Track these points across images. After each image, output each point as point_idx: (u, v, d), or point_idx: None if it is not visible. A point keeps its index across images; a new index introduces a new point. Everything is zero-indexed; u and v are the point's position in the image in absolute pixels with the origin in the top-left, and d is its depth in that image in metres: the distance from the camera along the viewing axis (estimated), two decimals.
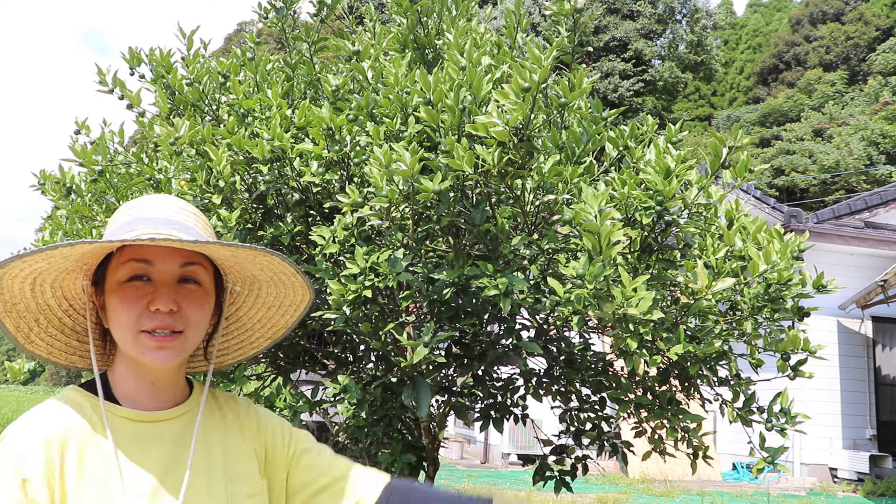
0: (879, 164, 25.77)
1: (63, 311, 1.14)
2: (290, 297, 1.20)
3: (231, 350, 1.26)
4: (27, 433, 0.99)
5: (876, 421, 10.52)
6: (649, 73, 34.59)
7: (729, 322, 2.37)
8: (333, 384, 2.48)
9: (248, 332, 1.25)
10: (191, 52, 2.84)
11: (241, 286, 1.18)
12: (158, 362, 1.05)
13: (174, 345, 1.05)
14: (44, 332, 1.14)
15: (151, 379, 1.09)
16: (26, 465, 0.95)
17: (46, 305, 1.12)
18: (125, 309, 1.04)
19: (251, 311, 1.23)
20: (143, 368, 1.08)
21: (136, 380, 1.08)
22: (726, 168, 2.16)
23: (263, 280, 1.17)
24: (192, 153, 2.58)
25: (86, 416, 1.03)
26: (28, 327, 1.12)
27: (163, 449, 1.06)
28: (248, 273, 1.15)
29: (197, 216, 1.13)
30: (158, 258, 1.05)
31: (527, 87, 1.85)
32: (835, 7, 37.43)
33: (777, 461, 2.28)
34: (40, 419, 1.01)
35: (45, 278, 1.08)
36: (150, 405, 1.09)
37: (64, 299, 1.13)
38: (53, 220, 3.15)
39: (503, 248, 2.24)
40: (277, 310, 1.22)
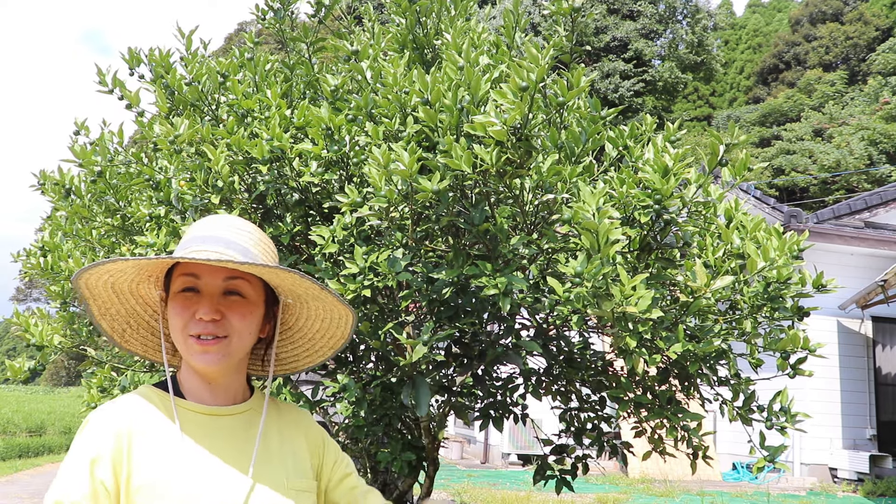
0: (879, 164, 25.77)
1: (150, 317, 1.31)
2: (336, 312, 1.32)
3: (301, 357, 1.40)
4: (102, 420, 1.13)
5: (876, 421, 10.52)
6: (649, 74, 34.60)
7: (728, 321, 2.37)
8: (333, 384, 2.48)
9: (312, 342, 1.38)
10: (190, 52, 2.84)
11: (291, 299, 1.31)
12: (203, 364, 1.18)
13: (217, 349, 1.18)
14: (136, 333, 1.32)
15: (208, 379, 1.23)
16: (96, 448, 1.10)
17: (134, 311, 1.29)
18: (177, 315, 1.19)
19: (308, 322, 1.35)
20: (197, 369, 1.22)
21: (196, 380, 1.23)
22: (724, 166, 2.16)
23: (303, 295, 1.28)
24: (191, 152, 2.58)
25: (155, 407, 1.18)
26: (122, 329, 1.30)
27: (225, 440, 1.20)
28: (291, 289, 1.27)
29: (252, 234, 1.26)
30: (204, 273, 1.19)
31: (525, 86, 1.85)
32: (834, 7, 37.44)
33: (777, 460, 2.28)
34: (114, 409, 1.15)
35: (120, 286, 1.24)
36: (211, 402, 1.23)
37: (147, 306, 1.30)
38: (53, 221, 3.15)
39: (502, 247, 2.24)
40: (331, 322, 1.34)
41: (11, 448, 14.29)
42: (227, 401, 1.25)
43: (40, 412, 19.31)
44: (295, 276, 1.19)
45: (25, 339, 2.63)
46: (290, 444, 1.29)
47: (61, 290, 2.85)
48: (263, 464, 1.21)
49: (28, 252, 2.94)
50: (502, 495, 8.44)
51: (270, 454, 1.24)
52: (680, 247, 2.24)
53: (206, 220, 1.27)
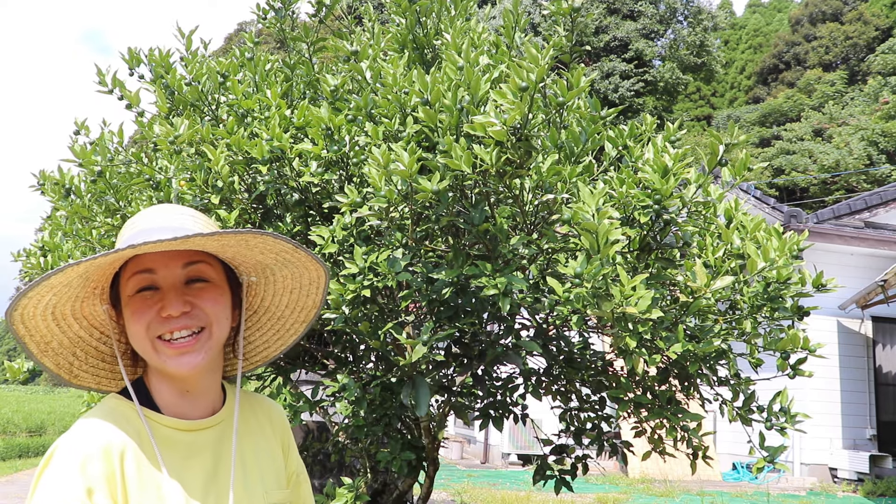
0: (879, 164, 25.77)
1: (97, 340, 1.14)
2: (307, 276, 1.19)
3: (272, 342, 1.27)
4: (86, 442, 0.98)
5: (876, 421, 10.51)
6: (650, 74, 34.60)
7: (728, 321, 2.37)
8: (333, 384, 2.48)
9: (281, 320, 1.25)
10: (190, 52, 2.84)
11: (255, 276, 1.18)
12: (182, 367, 1.04)
13: (198, 346, 1.05)
14: (85, 363, 1.15)
15: (185, 388, 1.09)
16: (89, 474, 0.95)
17: (79, 338, 1.12)
18: (137, 320, 1.04)
19: (276, 299, 1.22)
20: (174, 378, 1.08)
21: (171, 390, 1.09)
22: (724, 166, 2.16)
23: (271, 264, 1.15)
24: (191, 152, 2.58)
25: (135, 426, 1.04)
26: (69, 363, 1.13)
27: (204, 458, 1.08)
28: (255, 260, 1.14)
29: (196, 217, 1.12)
30: (159, 265, 1.05)
31: (524, 86, 1.85)
32: (834, 7, 37.44)
33: (777, 460, 2.28)
34: (96, 428, 1.00)
35: (61, 310, 1.08)
36: (192, 413, 1.10)
37: (94, 328, 1.13)
38: (53, 221, 3.15)
39: (502, 247, 2.24)
40: (300, 291, 1.22)
41: (11, 448, 14.29)
42: (207, 410, 1.12)
43: (40, 412, 19.31)
44: (267, 239, 1.06)
45: None
46: (267, 450, 1.19)
47: None
48: (241, 482, 1.11)
49: (28, 252, 2.94)
50: (502, 495, 8.44)
51: (247, 469, 1.14)
52: (680, 247, 2.24)
53: (143, 213, 1.12)
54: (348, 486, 2.61)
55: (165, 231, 1.04)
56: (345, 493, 2.59)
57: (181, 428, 1.07)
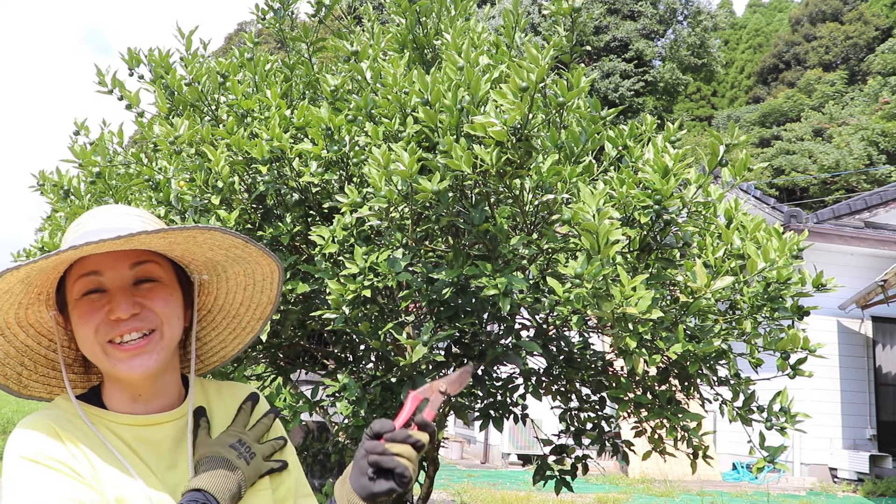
0: (879, 164, 25.77)
1: (45, 348, 1.11)
2: (259, 271, 1.15)
3: (228, 341, 1.24)
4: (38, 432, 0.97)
5: (876, 421, 10.51)
6: (650, 74, 34.61)
7: (728, 321, 2.37)
8: (333, 384, 2.48)
9: (236, 319, 1.22)
10: (190, 52, 2.84)
11: (206, 274, 1.14)
12: (136, 371, 1.01)
13: (150, 347, 1.02)
14: (34, 373, 1.12)
15: (136, 392, 1.06)
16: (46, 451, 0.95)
17: (26, 347, 1.09)
18: (84, 324, 1.01)
19: (230, 297, 1.19)
20: (124, 383, 1.05)
21: (122, 395, 1.06)
22: (724, 166, 2.16)
23: (222, 261, 1.12)
24: (191, 153, 2.58)
25: (80, 425, 1.02)
26: (17, 373, 1.10)
27: (167, 448, 1.05)
28: (205, 258, 1.10)
29: (142, 217, 1.10)
30: (106, 267, 1.02)
31: (524, 86, 1.85)
32: (834, 7, 37.45)
33: (777, 460, 2.28)
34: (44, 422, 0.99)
35: (5, 318, 1.04)
36: (144, 412, 1.07)
37: (41, 336, 1.10)
38: (53, 222, 3.15)
39: (502, 247, 2.24)
40: (254, 287, 1.18)
41: None
42: (165, 407, 1.08)
43: None
44: (216, 234, 1.03)
45: None
46: None
47: None
48: None
49: (28, 252, 2.94)
50: (502, 495, 8.44)
51: None
52: (680, 247, 2.24)
53: (88, 213, 1.09)
54: None
55: (109, 231, 1.00)
56: None
57: (136, 423, 1.05)
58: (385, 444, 1.01)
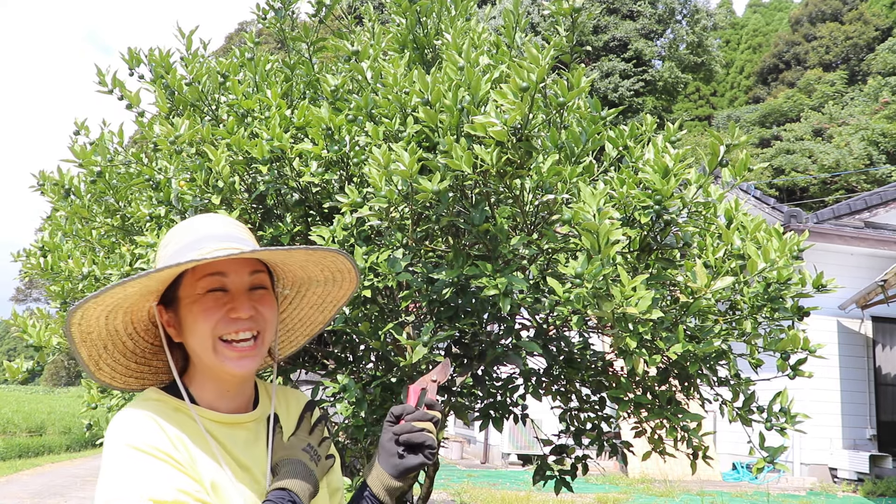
0: (879, 164, 25.77)
1: (127, 335, 1.21)
2: (334, 294, 1.30)
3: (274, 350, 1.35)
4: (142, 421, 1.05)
5: (876, 421, 10.52)
6: (649, 74, 34.60)
7: (728, 321, 2.37)
8: (333, 384, 2.48)
9: (290, 332, 1.36)
10: (190, 52, 2.84)
11: (290, 289, 1.28)
12: (240, 369, 1.13)
13: (255, 351, 1.15)
14: (110, 357, 1.21)
15: (227, 388, 1.18)
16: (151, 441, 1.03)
17: (115, 330, 1.19)
18: (206, 318, 1.12)
19: (294, 312, 1.33)
20: (222, 377, 1.16)
21: (215, 388, 1.17)
22: (724, 166, 2.16)
23: (316, 280, 1.26)
24: (191, 153, 2.58)
25: (178, 415, 1.11)
26: (98, 355, 1.20)
27: (243, 447, 1.16)
28: (304, 274, 1.24)
29: (243, 228, 1.23)
30: (231, 270, 1.14)
31: (525, 86, 1.85)
32: (834, 7, 37.45)
33: (777, 461, 2.28)
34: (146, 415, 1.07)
35: (121, 306, 1.14)
36: (225, 409, 1.18)
37: (130, 323, 1.20)
38: (53, 221, 3.15)
39: (502, 247, 2.24)
40: (318, 308, 1.32)
41: (11, 448, 14.29)
42: (241, 407, 1.20)
43: (40, 412, 19.30)
44: (339, 256, 1.19)
45: (24, 339, 2.63)
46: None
47: (61, 290, 2.85)
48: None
49: (28, 252, 2.94)
50: (502, 495, 8.44)
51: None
52: (680, 247, 2.24)
53: (201, 219, 1.20)
54: (347, 485, 2.61)
55: (237, 241, 1.15)
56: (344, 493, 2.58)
57: (220, 421, 1.15)
58: (411, 423, 1.15)
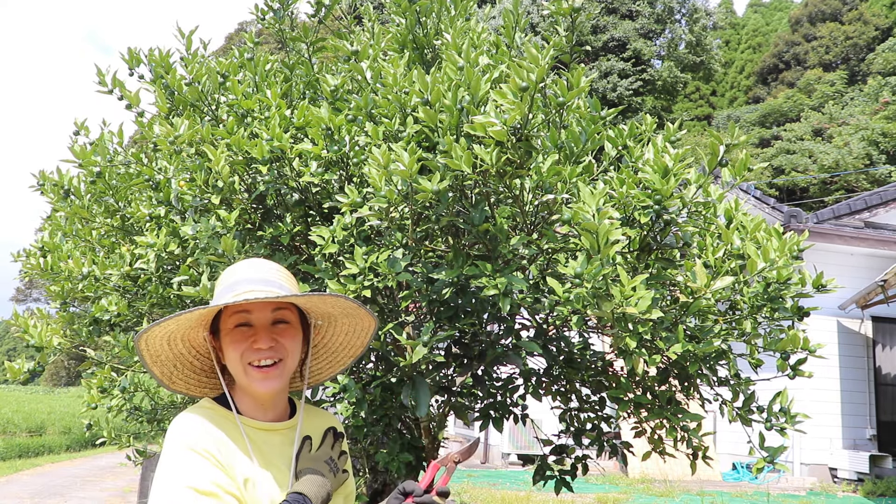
0: (879, 164, 25.77)
1: (192, 357, 1.48)
2: (361, 324, 1.53)
3: (324, 369, 1.61)
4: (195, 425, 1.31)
5: (876, 421, 10.51)
6: (648, 73, 34.58)
7: (728, 321, 2.37)
8: (333, 384, 2.48)
9: (334, 354, 1.59)
10: (190, 52, 2.84)
11: (321, 321, 1.52)
12: (265, 389, 1.38)
13: (276, 374, 1.38)
14: (181, 374, 1.49)
15: (261, 402, 1.42)
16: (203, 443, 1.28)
17: (180, 354, 1.46)
18: (235, 348, 1.38)
19: (333, 338, 1.56)
20: (255, 394, 1.41)
21: (251, 401, 1.42)
22: (724, 166, 2.16)
23: (337, 314, 1.50)
24: (191, 153, 2.58)
25: (226, 422, 1.36)
26: (170, 372, 1.48)
27: (276, 454, 1.39)
28: (325, 310, 1.48)
29: (281, 272, 1.47)
30: (255, 309, 1.39)
31: (524, 86, 1.85)
32: (834, 7, 37.45)
33: (777, 461, 2.28)
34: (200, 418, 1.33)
35: (176, 335, 1.42)
36: (264, 419, 1.42)
37: (192, 347, 1.47)
38: (53, 222, 3.15)
39: (502, 247, 2.24)
40: (353, 334, 1.56)
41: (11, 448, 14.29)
42: (276, 417, 1.44)
43: (40, 412, 19.30)
44: (340, 299, 1.42)
45: (25, 339, 2.63)
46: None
47: (61, 290, 2.85)
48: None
49: (28, 252, 2.94)
50: (502, 495, 8.44)
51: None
52: (680, 247, 2.24)
53: (241, 264, 1.47)
54: None
55: (266, 283, 1.40)
56: None
57: (259, 427, 1.40)
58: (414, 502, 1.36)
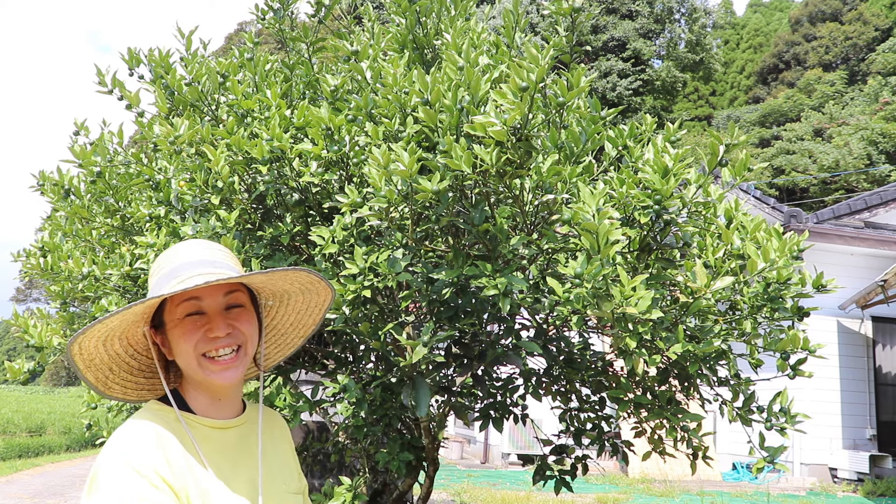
0: (879, 164, 25.77)
1: (129, 356, 1.33)
2: (316, 300, 1.41)
3: (272, 354, 1.48)
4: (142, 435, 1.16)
5: (876, 421, 10.51)
6: (647, 73, 34.56)
7: (728, 321, 2.37)
8: (333, 384, 2.48)
9: (283, 336, 1.47)
10: (190, 52, 2.84)
11: (272, 300, 1.40)
12: (224, 380, 1.25)
13: (237, 362, 1.26)
14: (117, 377, 1.33)
15: (218, 396, 1.29)
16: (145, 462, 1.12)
17: (116, 354, 1.31)
18: (187, 340, 1.24)
19: (284, 318, 1.44)
20: (212, 387, 1.28)
21: (206, 398, 1.29)
22: (724, 166, 2.16)
23: (293, 291, 1.38)
24: (191, 153, 2.58)
25: (175, 425, 1.22)
26: (105, 377, 1.32)
27: (234, 451, 1.27)
28: (280, 289, 1.36)
29: (223, 251, 1.34)
30: (206, 294, 1.25)
31: (524, 86, 1.85)
32: (834, 7, 37.45)
33: (777, 461, 2.28)
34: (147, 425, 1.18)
35: (114, 334, 1.27)
36: (220, 416, 1.29)
37: (130, 346, 1.32)
38: (53, 222, 3.15)
39: (502, 247, 2.24)
40: (306, 313, 1.44)
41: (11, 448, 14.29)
42: (232, 413, 1.32)
43: (40, 412, 19.29)
44: (301, 273, 1.30)
45: (25, 339, 2.63)
46: (281, 450, 1.39)
47: (61, 290, 2.84)
48: (267, 473, 1.30)
49: (28, 252, 2.94)
50: (502, 495, 8.44)
51: (269, 462, 1.32)
52: (680, 247, 2.24)
53: (180, 247, 1.31)
54: (347, 485, 2.61)
55: (213, 266, 1.26)
56: (343, 493, 2.58)
57: (214, 426, 1.27)
58: None
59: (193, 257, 1.28)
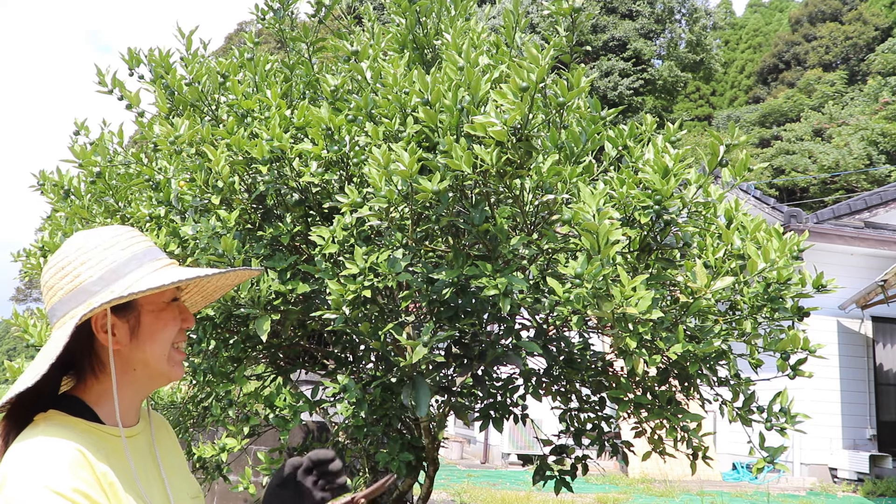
0: (879, 164, 25.77)
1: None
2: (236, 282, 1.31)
3: None
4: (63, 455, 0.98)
5: (876, 421, 10.51)
6: (648, 73, 34.55)
7: (728, 321, 2.37)
8: (333, 384, 2.48)
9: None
10: (190, 52, 2.84)
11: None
12: (181, 374, 1.18)
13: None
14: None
15: (146, 394, 1.17)
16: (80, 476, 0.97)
17: None
18: (171, 326, 1.15)
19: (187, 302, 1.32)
20: (149, 385, 1.16)
21: (132, 398, 1.15)
22: (724, 166, 2.16)
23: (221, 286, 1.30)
24: (191, 153, 2.58)
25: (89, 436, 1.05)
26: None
27: (145, 458, 1.16)
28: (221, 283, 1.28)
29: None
30: (182, 284, 1.17)
31: (525, 86, 1.85)
32: (834, 7, 37.46)
33: (777, 461, 2.28)
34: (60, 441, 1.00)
35: None
36: (126, 422, 1.14)
37: None
38: (53, 222, 3.15)
39: (502, 247, 2.24)
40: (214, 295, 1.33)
41: None
42: (133, 419, 1.17)
43: None
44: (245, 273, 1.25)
45: (25, 339, 2.63)
46: (175, 453, 1.27)
47: None
48: (171, 479, 1.19)
49: (28, 252, 2.94)
50: (502, 495, 8.44)
51: (170, 468, 1.21)
52: (680, 247, 2.24)
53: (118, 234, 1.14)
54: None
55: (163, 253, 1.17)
56: None
57: (130, 434, 1.14)
58: None
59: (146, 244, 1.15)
